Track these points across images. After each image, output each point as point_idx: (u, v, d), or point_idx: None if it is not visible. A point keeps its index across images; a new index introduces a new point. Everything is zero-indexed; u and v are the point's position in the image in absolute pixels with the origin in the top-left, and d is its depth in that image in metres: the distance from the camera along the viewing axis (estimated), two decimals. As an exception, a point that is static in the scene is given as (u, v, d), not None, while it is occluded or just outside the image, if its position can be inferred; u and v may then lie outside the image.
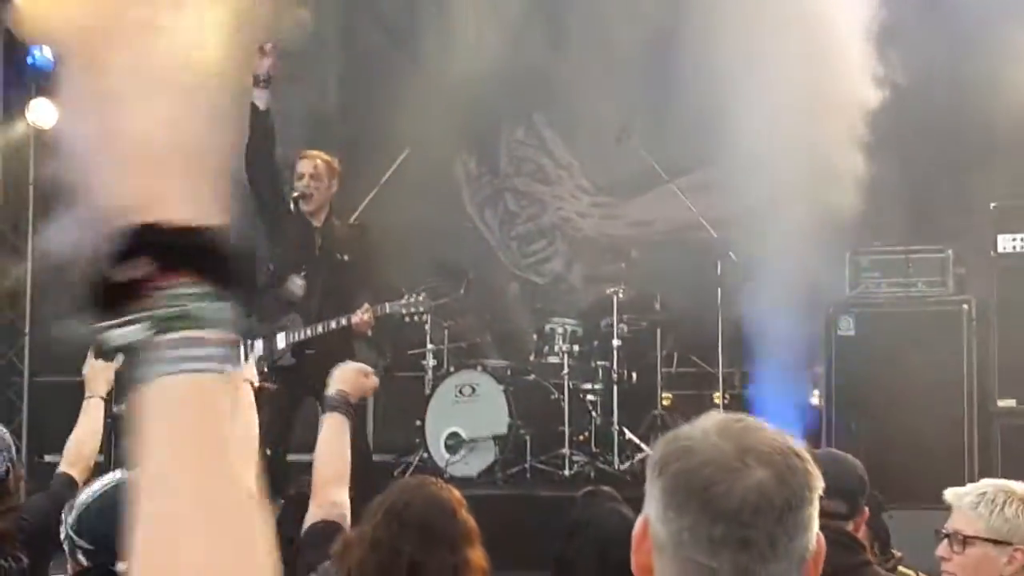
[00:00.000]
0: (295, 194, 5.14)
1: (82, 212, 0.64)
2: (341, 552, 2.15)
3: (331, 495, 2.54)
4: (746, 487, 1.00)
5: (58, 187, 0.65)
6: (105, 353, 0.64)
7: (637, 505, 1.11)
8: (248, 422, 2.82)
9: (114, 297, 0.63)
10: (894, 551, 3.41)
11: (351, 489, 2.68)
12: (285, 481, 5.14)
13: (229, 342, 0.63)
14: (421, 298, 5.27)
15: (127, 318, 0.62)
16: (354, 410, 2.72)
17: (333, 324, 5.10)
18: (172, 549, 0.60)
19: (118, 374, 3.34)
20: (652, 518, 1.05)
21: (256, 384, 3.05)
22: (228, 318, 0.63)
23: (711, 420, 1.09)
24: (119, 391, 3.53)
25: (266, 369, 4.93)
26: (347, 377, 2.74)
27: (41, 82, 6.17)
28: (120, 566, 1.87)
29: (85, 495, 2.14)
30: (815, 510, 1.05)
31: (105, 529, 1.91)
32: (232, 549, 0.61)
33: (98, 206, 0.63)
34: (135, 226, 0.62)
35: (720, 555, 1.00)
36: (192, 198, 0.64)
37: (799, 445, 1.09)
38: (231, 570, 0.61)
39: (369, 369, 2.89)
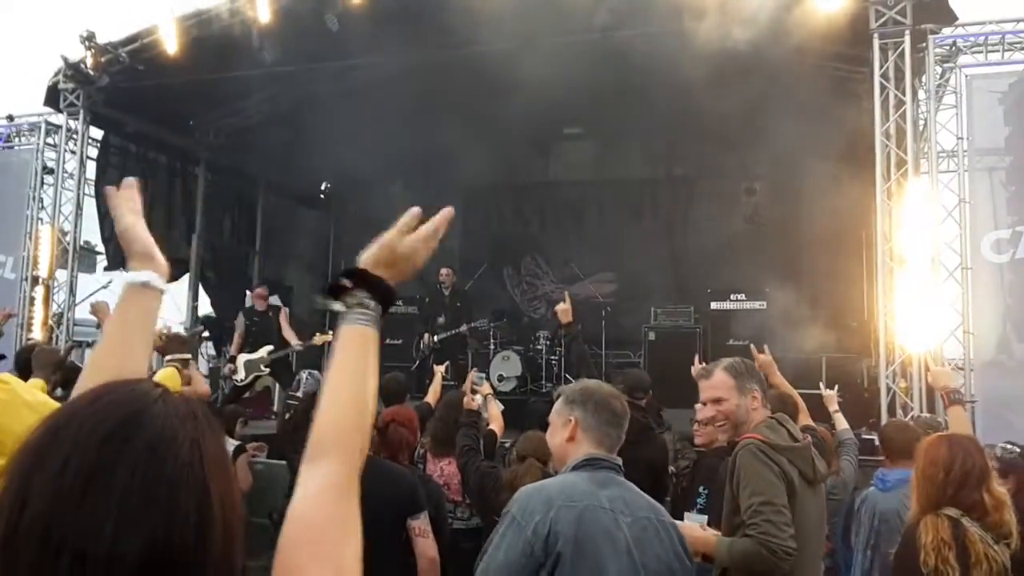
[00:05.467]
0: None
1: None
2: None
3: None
4: None
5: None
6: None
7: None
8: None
9: (335, 291, 1.40)
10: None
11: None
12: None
13: (376, 316, 1.39)
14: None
15: (337, 300, 1.40)
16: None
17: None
18: (332, 405, 1.29)
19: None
20: None
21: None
22: (376, 309, 1.39)
23: None
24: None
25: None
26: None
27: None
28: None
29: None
30: None
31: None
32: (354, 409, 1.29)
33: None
34: (356, 269, 1.43)
35: None
36: (389, 275, 1.44)
37: None
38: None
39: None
